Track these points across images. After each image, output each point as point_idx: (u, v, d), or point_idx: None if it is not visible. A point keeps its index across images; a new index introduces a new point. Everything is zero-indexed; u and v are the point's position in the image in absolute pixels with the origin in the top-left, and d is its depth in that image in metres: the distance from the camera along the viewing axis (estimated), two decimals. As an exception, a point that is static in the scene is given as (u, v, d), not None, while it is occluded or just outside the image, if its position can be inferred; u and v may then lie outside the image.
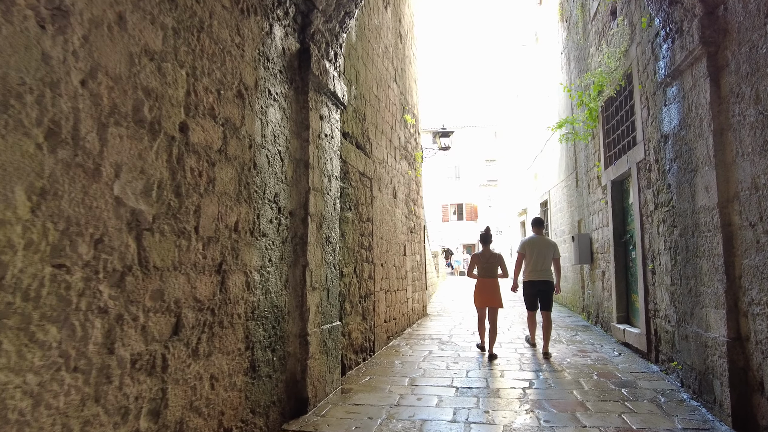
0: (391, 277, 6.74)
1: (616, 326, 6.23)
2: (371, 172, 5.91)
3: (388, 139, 6.95)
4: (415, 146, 9.16)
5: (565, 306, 10.38)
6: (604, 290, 7.18)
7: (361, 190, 5.52)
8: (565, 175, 10.13)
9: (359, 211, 5.40)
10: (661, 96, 4.36)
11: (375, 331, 5.78)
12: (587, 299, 8.41)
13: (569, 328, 7.66)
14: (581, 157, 8.65)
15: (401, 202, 7.67)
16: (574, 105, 8.88)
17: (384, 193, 6.54)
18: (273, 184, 3.32)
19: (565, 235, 10.28)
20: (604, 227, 7.08)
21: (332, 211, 4.28)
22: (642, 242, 5.16)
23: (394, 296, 6.89)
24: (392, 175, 7.10)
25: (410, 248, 8.22)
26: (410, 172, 8.48)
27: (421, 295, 9.03)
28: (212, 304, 2.59)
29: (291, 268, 3.56)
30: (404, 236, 7.77)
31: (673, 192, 4.19)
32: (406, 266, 7.75)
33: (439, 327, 7.96)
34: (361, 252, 5.40)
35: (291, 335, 3.54)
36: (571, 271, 9.82)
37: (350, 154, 5.13)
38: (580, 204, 8.90)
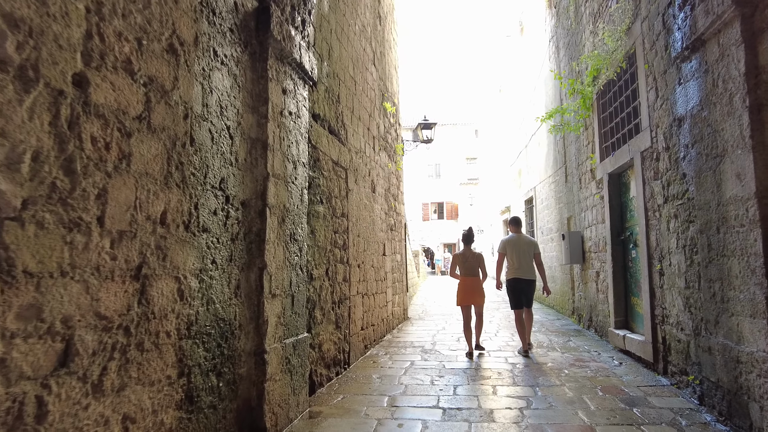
0: (369, 279, 6.15)
1: (614, 332, 5.76)
2: (346, 161, 5.30)
3: (366, 127, 6.35)
4: (396, 138, 8.58)
5: (553, 308, 9.95)
6: (598, 292, 6.71)
7: (335, 181, 4.91)
8: (553, 170, 9.69)
9: (332, 205, 4.78)
10: (674, 74, 3.87)
11: (350, 340, 5.17)
12: (578, 301, 7.96)
13: (560, 332, 7.18)
14: (571, 150, 8.20)
15: (380, 197, 7.08)
16: (564, 95, 8.43)
17: (361, 186, 5.94)
18: (219, 167, 2.69)
19: (553, 234, 9.84)
20: (598, 224, 6.62)
21: (298, 204, 3.66)
22: (647, 240, 4.67)
23: (373, 300, 6.29)
24: (370, 167, 6.50)
25: (390, 247, 7.64)
26: (390, 165, 7.90)
27: (401, 298, 8.46)
28: (126, 321, 1.95)
29: (244, 272, 2.93)
30: (384, 234, 7.18)
31: (689, 182, 3.69)
32: (385, 267, 7.17)
33: (421, 333, 7.39)
34: (335, 251, 4.79)
35: (244, 354, 2.91)
36: (559, 271, 9.38)
37: (321, 139, 4.52)
38: (569, 200, 8.45)
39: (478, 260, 6.02)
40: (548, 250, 10.33)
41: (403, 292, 8.61)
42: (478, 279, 5.97)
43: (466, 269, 5.94)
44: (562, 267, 9.10)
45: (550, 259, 10.17)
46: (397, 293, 8.05)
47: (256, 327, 3.03)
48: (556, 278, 9.68)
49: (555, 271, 9.72)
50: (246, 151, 3.01)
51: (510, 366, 5.09)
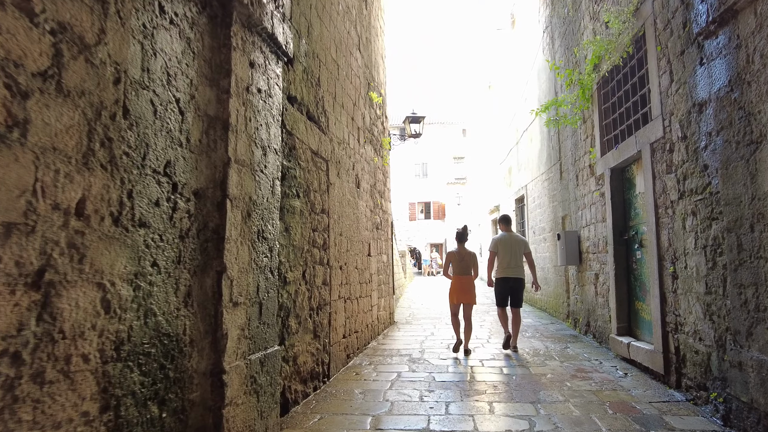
0: (353, 282, 5.68)
1: (616, 339, 5.37)
2: (328, 152, 4.82)
3: (350, 116, 5.88)
4: (382, 131, 8.12)
5: (546, 311, 9.58)
6: (597, 296, 6.33)
7: (314, 173, 4.43)
8: (546, 167, 9.32)
9: (311, 200, 4.30)
10: (695, 54, 3.47)
11: (331, 350, 4.70)
12: (574, 305, 7.59)
13: (556, 338, 6.79)
14: (567, 145, 7.83)
15: (365, 193, 6.61)
16: (559, 87, 8.05)
17: (344, 181, 5.47)
18: (163, 147, 2.19)
19: (546, 233, 9.47)
20: (597, 223, 6.23)
21: (268, 196, 3.18)
22: (657, 240, 4.28)
23: (356, 305, 5.82)
24: (355, 160, 6.03)
25: (376, 247, 7.18)
26: (376, 159, 7.43)
27: (388, 301, 8.01)
28: (15, 346, 1.46)
29: (197, 276, 2.44)
30: (369, 233, 6.72)
31: (711, 175, 3.30)
32: (370, 268, 6.70)
33: (408, 339, 6.94)
34: (313, 252, 4.30)
35: (197, 375, 2.42)
36: (552, 272, 9.01)
37: (298, 125, 4.03)
38: (564, 198, 8.08)
39: (472, 259, 6.10)
40: (541, 250, 9.96)
41: (389, 295, 8.16)
42: (470, 278, 6.03)
43: (460, 268, 6.00)
44: (556, 268, 8.74)
45: (542, 260, 9.80)
46: (383, 296, 7.59)
47: (213, 342, 2.54)
48: (549, 280, 9.31)
49: (548, 273, 9.35)
50: (201, 130, 2.52)
51: (506, 378, 4.66)
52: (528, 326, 7.95)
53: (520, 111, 11.74)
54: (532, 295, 10.76)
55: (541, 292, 10.01)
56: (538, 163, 10.09)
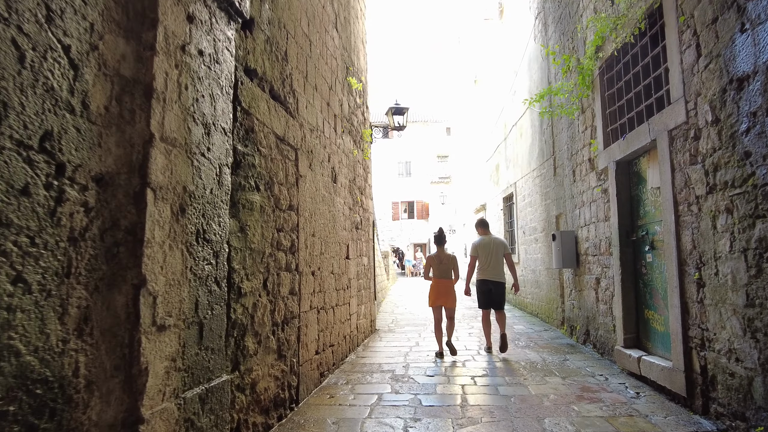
0: (328, 289, 5.04)
1: (623, 352, 4.84)
2: (297, 139, 4.19)
3: (325, 101, 5.25)
4: (363, 122, 7.50)
5: (537, 316, 9.07)
6: (598, 302, 5.81)
7: (280, 163, 3.79)
8: (538, 162, 8.81)
9: (275, 194, 3.66)
10: (733, 19, 2.93)
11: (300, 370, 4.06)
12: (570, 311, 7.08)
13: (553, 348, 6.25)
14: (562, 138, 7.31)
15: (344, 189, 5.98)
16: (553, 77, 7.54)
17: (318, 173, 4.83)
18: (38, 111, 1.54)
19: (538, 233, 8.97)
20: (599, 222, 5.71)
21: (213, 187, 2.54)
22: (677, 241, 3.75)
23: (332, 315, 5.19)
24: (331, 151, 5.40)
25: (355, 249, 6.55)
26: (356, 152, 6.81)
27: (369, 308, 7.39)
28: None
29: (99, 293, 1.79)
30: (347, 233, 6.09)
31: (757, 164, 2.76)
32: (349, 273, 6.08)
33: (391, 350, 6.33)
34: (278, 256, 3.66)
35: (97, 429, 1.77)
36: (545, 275, 8.51)
37: (258, 103, 3.39)
38: (559, 196, 7.57)
39: (451, 262, 6.14)
40: (532, 251, 9.46)
41: (370, 300, 7.54)
42: (450, 281, 6.07)
43: (439, 271, 6.04)
44: (549, 271, 8.23)
45: (534, 262, 9.30)
46: (363, 303, 6.97)
47: (127, 381, 1.89)
48: (541, 283, 8.80)
49: (540, 276, 8.84)
50: (109, 94, 1.87)
51: (503, 401, 4.08)
52: (520, 334, 7.42)
53: (509, 105, 11.24)
54: (522, 299, 10.27)
55: (532, 296, 9.51)
56: (528, 158, 9.58)
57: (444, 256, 6.11)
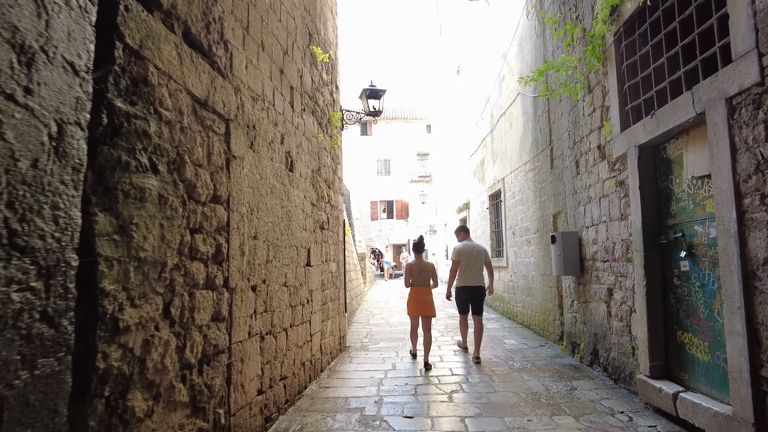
0: (279, 306, 3.98)
1: (648, 383, 3.91)
2: (230, 106, 3.12)
3: (278, 68, 4.18)
4: (332, 103, 6.45)
5: (530, 328, 8.13)
6: (610, 318, 4.88)
7: (199, 135, 2.72)
8: (532, 154, 7.89)
9: (187, 178, 2.59)
10: None
11: (232, 422, 2.99)
12: (571, 325, 6.15)
13: (555, 372, 5.30)
14: (561, 125, 6.39)
15: (304, 180, 4.93)
16: (552, 54, 6.61)
17: (265, 157, 3.77)
18: None
19: (530, 235, 8.04)
20: (612, 222, 4.79)
21: (40, 158, 1.46)
22: (741, 246, 2.80)
23: (284, 340, 4.13)
24: (286, 131, 4.34)
25: (320, 253, 5.50)
26: (321, 137, 5.76)
27: (337, 323, 6.34)
28: None
29: None
30: (309, 235, 5.03)
31: None
32: (311, 283, 5.02)
33: (362, 376, 5.29)
34: (191, 268, 2.59)
35: None
36: (539, 282, 7.58)
37: (160, 45, 2.32)
38: (557, 191, 6.65)
39: (430, 271, 6.10)
40: (523, 255, 8.53)
41: (339, 314, 6.49)
42: (428, 289, 6.05)
43: (418, 280, 6.00)
44: (545, 278, 7.31)
45: (525, 267, 8.37)
46: (330, 317, 5.92)
47: None
48: (534, 291, 7.87)
49: (533, 282, 7.92)
50: None
51: (505, 457, 3.08)
52: (513, 351, 6.47)
53: (496, 93, 10.32)
54: (512, 307, 9.34)
55: (523, 305, 8.58)
56: (519, 151, 8.66)
57: (423, 265, 6.05)
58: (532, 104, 7.79)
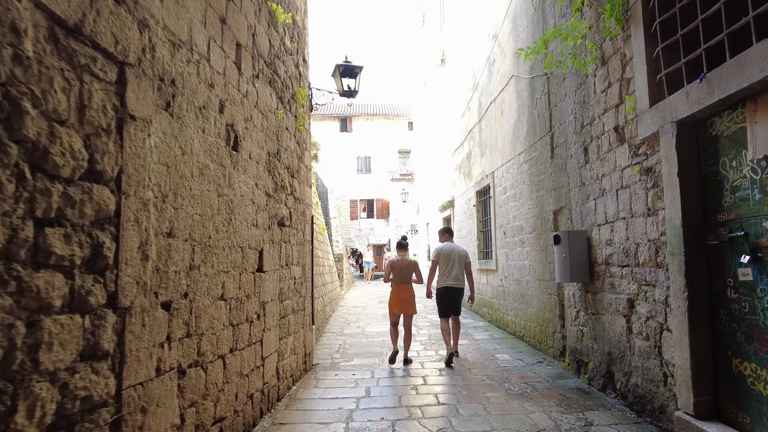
0: (212, 327, 3.03)
1: (691, 423, 3.08)
2: (127, 46, 2.16)
3: (218, 15, 3.23)
4: (296, 77, 5.51)
5: (524, 340, 7.30)
6: (631, 335, 4.06)
7: (55, 75, 1.76)
8: (527, 144, 7.07)
9: (32, 139, 1.64)
10: None
11: (120, 506, 2.05)
12: (576, 340, 5.33)
13: (561, 399, 4.45)
14: (565, 106, 5.57)
15: (256, 164, 3.98)
16: (555, 22, 5.78)
17: (192, 127, 2.82)
18: None
19: (525, 234, 7.22)
20: (636, 218, 3.97)
21: None
22: None
23: (219, 371, 3.17)
24: (228, 98, 3.39)
25: (278, 255, 4.56)
26: (282, 114, 4.82)
27: (302, 338, 5.40)
28: None
29: None
30: (262, 233, 4.09)
31: None
32: (263, 293, 4.08)
33: (329, 406, 4.36)
34: (32, 282, 1.63)
35: None
36: (535, 288, 6.75)
37: None
38: (559, 184, 5.83)
39: (413, 267, 6.18)
40: (516, 257, 7.71)
41: (305, 327, 5.55)
42: (410, 287, 6.14)
43: (400, 277, 6.07)
44: (542, 283, 6.49)
45: (518, 271, 7.55)
46: (291, 333, 4.98)
47: None
48: (529, 299, 7.05)
49: (528, 288, 7.09)
50: None
51: None
52: (508, 369, 5.62)
53: (486, 79, 9.50)
54: (502, 315, 8.51)
55: (515, 313, 7.76)
56: (512, 140, 7.83)
57: (405, 262, 6.14)
58: (528, 87, 6.97)
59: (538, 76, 6.46)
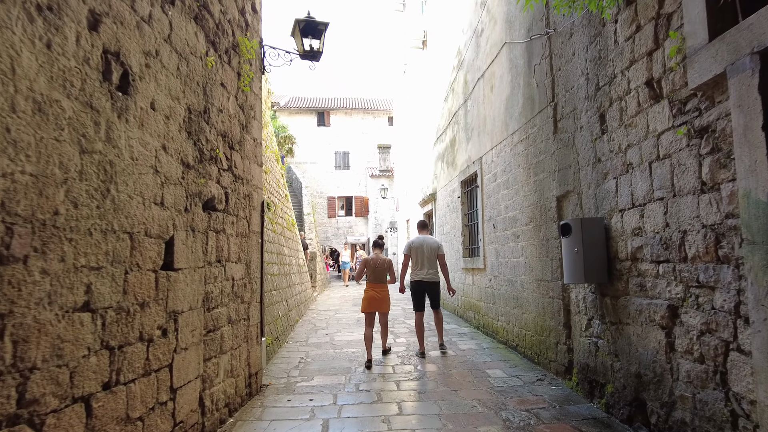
0: (58, 358, 1.93)
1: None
2: None
3: None
4: (242, 26, 4.41)
5: (518, 350, 6.31)
6: (675, 354, 3.08)
7: None
8: (523, 120, 6.09)
9: None
10: None
11: None
12: (588, 355, 4.35)
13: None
14: (573, 68, 4.61)
15: (166, 120, 2.88)
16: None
17: (11, 26, 1.73)
18: None
19: (520, 227, 6.24)
20: (682, 196, 3.00)
21: None
22: None
23: (77, 421, 2.08)
24: (108, 11, 2.29)
25: (202, 248, 3.48)
26: (213, 62, 3.72)
27: (244, 355, 4.30)
28: None
29: None
30: (172, 215, 3.00)
31: None
32: (175, 300, 2.97)
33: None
34: None
35: None
36: (533, 290, 5.78)
37: None
38: (565, 163, 4.86)
39: (387, 266, 6.12)
40: (508, 254, 6.73)
41: (249, 340, 4.44)
42: (384, 286, 6.11)
43: (374, 276, 6.06)
44: (540, 284, 5.51)
45: (511, 269, 6.57)
46: (226, 351, 3.88)
47: None
48: (525, 302, 6.07)
49: (524, 290, 6.11)
50: None
51: None
52: (503, 390, 4.62)
53: (473, 53, 8.52)
54: (491, 320, 7.53)
55: (507, 319, 6.78)
56: (504, 118, 6.86)
57: (380, 261, 6.09)
58: (523, 53, 6.00)
59: (537, 38, 5.49)
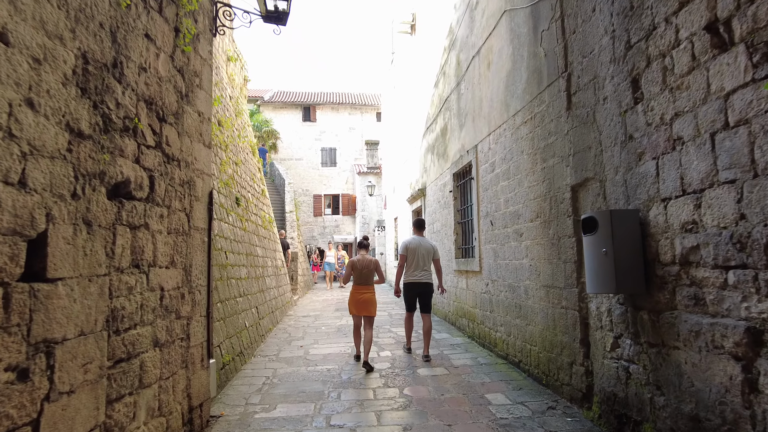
0: None
1: None
2: None
3: None
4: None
5: (520, 367, 5.47)
6: (762, 397, 2.27)
7: None
8: (528, 98, 5.26)
9: None
10: None
11: None
12: (615, 382, 3.52)
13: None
14: (591, 29, 3.78)
15: (36, 66, 2.00)
16: None
17: None
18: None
19: (523, 223, 5.41)
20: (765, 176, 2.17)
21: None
22: None
23: None
24: None
25: (104, 250, 2.59)
26: (129, 2, 2.83)
27: (181, 385, 3.41)
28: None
29: None
30: (47, 202, 2.11)
31: None
32: (47, 325, 2.06)
33: None
34: None
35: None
36: (541, 298, 4.95)
37: None
38: (583, 144, 4.04)
39: (375, 267, 6.04)
40: (507, 254, 5.89)
41: (188, 366, 3.53)
42: (371, 288, 6.03)
43: (360, 277, 5.97)
44: (550, 291, 4.69)
45: (513, 273, 5.73)
46: (150, 383, 2.97)
47: None
48: (530, 311, 5.23)
49: (528, 297, 5.27)
50: None
51: None
52: (508, 424, 3.78)
53: (466, 29, 7.68)
54: (487, 331, 6.69)
55: (507, 330, 5.94)
56: (504, 98, 6.02)
57: (366, 262, 6.00)
58: (527, 20, 5.17)
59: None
